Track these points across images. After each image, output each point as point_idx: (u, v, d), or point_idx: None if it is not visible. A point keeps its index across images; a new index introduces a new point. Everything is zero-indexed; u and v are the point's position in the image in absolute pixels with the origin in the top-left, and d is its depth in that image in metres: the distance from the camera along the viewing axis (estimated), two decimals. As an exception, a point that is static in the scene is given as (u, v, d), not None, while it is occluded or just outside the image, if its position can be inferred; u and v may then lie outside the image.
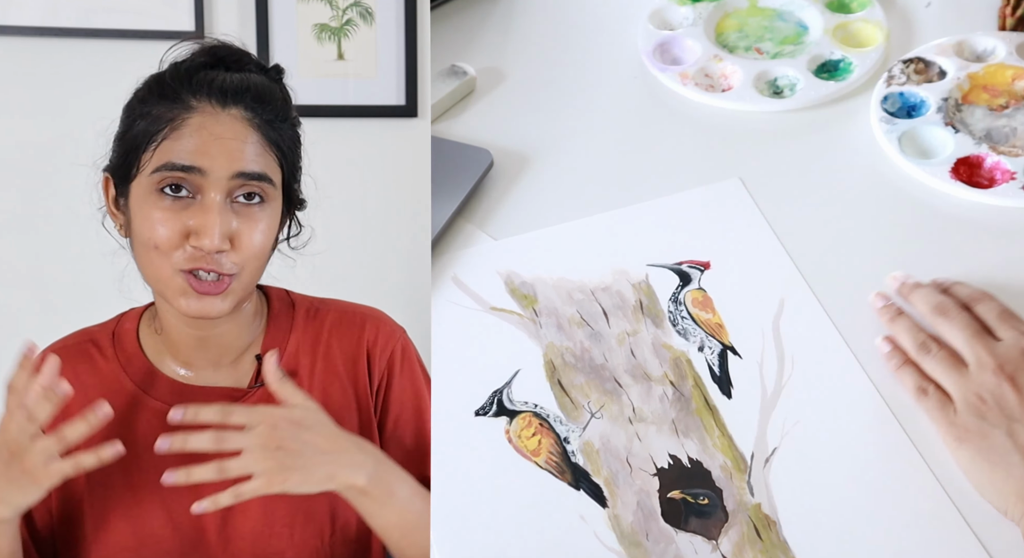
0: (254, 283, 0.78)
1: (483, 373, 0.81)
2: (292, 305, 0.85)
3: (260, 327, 0.83)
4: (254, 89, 0.77)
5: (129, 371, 0.81)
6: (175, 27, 1.29)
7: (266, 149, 0.76)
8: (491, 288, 0.87)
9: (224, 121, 0.75)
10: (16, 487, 0.71)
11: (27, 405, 0.71)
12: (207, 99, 0.75)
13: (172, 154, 0.74)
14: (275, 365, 0.74)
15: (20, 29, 1.26)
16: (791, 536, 0.70)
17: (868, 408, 0.77)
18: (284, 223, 0.82)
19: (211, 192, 0.73)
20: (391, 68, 1.36)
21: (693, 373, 0.80)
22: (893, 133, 0.97)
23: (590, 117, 1.05)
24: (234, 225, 0.74)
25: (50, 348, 0.83)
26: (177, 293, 0.74)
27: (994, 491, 0.69)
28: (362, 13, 1.34)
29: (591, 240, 0.90)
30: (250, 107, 0.76)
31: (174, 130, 0.74)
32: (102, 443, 0.73)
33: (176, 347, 0.81)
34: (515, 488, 0.74)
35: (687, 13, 1.14)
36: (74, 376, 0.80)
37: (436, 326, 0.85)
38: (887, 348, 0.79)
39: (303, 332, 0.84)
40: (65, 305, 1.29)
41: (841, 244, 0.89)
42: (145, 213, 0.74)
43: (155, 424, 0.79)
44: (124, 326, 0.84)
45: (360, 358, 0.83)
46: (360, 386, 0.83)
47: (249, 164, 0.74)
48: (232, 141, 0.74)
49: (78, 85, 1.28)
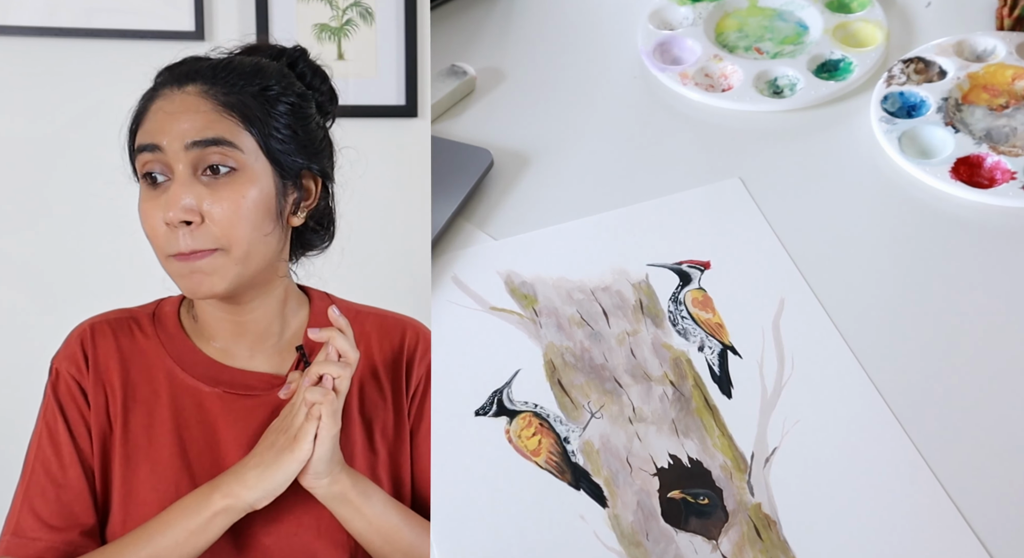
0: (252, 259, 0.77)
1: (483, 373, 0.81)
2: (332, 305, 0.86)
3: (301, 321, 0.84)
4: (214, 64, 0.80)
5: (169, 348, 0.82)
6: (175, 27, 1.28)
7: (224, 115, 0.77)
8: (491, 288, 0.87)
9: (178, 99, 0.77)
10: (280, 468, 0.74)
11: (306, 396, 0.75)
12: (167, 85, 0.79)
13: (138, 139, 0.78)
14: (338, 313, 0.78)
15: (20, 29, 1.26)
16: (791, 536, 0.70)
17: (868, 408, 0.77)
18: (288, 191, 0.81)
19: (177, 166, 0.75)
20: (391, 68, 1.36)
21: (693, 373, 0.80)
22: (893, 133, 0.97)
23: (590, 117, 1.05)
24: (202, 197, 0.75)
25: (92, 320, 0.84)
26: (176, 275, 0.76)
27: None
28: (362, 13, 1.34)
29: (591, 240, 0.90)
30: (207, 81, 0.78)
31: (140, 119, 0.78)
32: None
33: (213, 332, 0.82)
34: (515, 488, 0.74)
35: (687, 13, 1.14)
36: (116, 349, 0.82)
37: (436, 326, 0.85)
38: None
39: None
40: (65, 304, 1.29)
41: (841, 244, 0.89)
42: (139, 205, 0.77)
43: (191, 403, 0.80)
44: (164, 309, 0.85)
45: (400, 362, 0.84)
46: (397, 390, 0.83)
47: (201, 131, 0.76)
48: (183, 114, 0.76)
49: (78, 85, 1.28)
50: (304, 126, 0.81)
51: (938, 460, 0.73)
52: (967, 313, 0.82)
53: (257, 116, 0.78)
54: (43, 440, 0.81)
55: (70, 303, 1.28)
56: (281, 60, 0.83)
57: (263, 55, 0.83)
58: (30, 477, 0.81)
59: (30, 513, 0.79)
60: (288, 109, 0.80)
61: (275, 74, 0.81)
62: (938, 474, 0.73)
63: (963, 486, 0.72)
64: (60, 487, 0.79)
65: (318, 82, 0.85)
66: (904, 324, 0.82)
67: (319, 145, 0.83)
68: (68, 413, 0.81)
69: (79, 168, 1.25)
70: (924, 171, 0.93)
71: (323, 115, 0.85)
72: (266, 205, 0.78)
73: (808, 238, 0.89)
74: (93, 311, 0.88)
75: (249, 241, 0.77)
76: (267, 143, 0.78)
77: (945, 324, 0.82)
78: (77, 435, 0.80)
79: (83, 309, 0.88)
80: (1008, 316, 0.82)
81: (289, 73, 0.82)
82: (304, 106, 0.82)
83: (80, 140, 1.23)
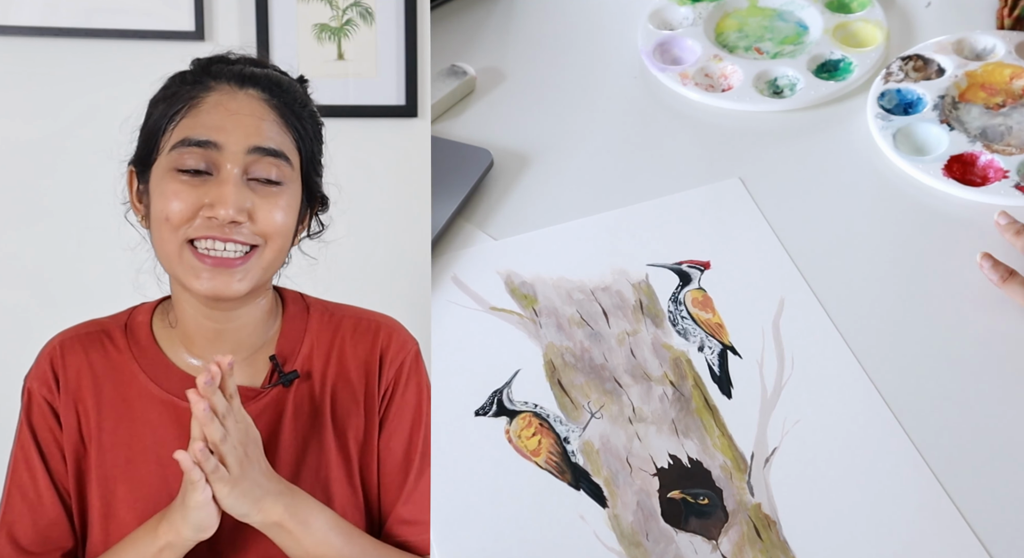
0: (275, 267, 0.77)
1: (483, 373, 0.81)
2: (307, 308, 0.85)
3: (275, 328, 0.83)
4: (273, 76, 0.78)
5: (142, 362, 0.81)
6: (175, 27, 1.28)
7: (283, 129, 0.76)
8: (491, 288, 0.87)
9: (241, 99, 0.76)
10: (189, 511, 0.72)
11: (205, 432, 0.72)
12: (225, 81, 0.76)
13: (190, 130, 0.74)
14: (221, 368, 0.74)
15: (20, 29, 1.26)
16: (791, 536, 0.70)
17: (868, 408, 0.77)
18: (304, 219, 0.81)
19: (227, 165, 0.73)
20: (391, 68, 1.36)
21: (693, 373, 0.80)
22: (888, 130, 0.97)
23: (590, 117, 1.05)
24: (251, 202, 0.74)
25: (62, 336, 0.83)
26: (188, 271, 0.74)
27: None
28: (362, 13, 1.34)
29: (591, 240, 0.90)
30: (267, 89, 0.77)
31: (192, 108, 0.75)
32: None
33: (191, 340, 0.81)
34: (515, 488, 0.74)
35: (687, 13, 1.14)
36: (87, 365, 0.80)
37: (436, 326, 0.85)
38: (987, 263, 0.81)
39: (318, 335, 0.84)
40: (65, 304, 1.29)
41: (841, 244, 0.89)
42: (161, 190, 0.74)
43: (164, 416, 0.79)
44: (137, 319, 0.84)
45: (373, 363, 0.83)
46: (369, 391, 0.83)
47: (266, 139, 0.75)
48: (249, 117, 0.75)
49: (78, 85, 1.28)
50: (322, 155, 0.82)
51: (938, 460, 0.73)
52: (964, 312, 0.82)
53: (309, 139, 0.78)
54: (19, 464, 0.80)
55: (70, 303, 1.28)
56: (302, 86, 0.82)
57: (275, 66, 0.82)
58: (7, 502, 0.80)
59: (8, 539, 0.79)
60: (323, 142, 0.80)
61: (310, 99, 0.81)
62: (938, 474, 0.73)
63: (963, 486, 0.72)
64: (36, 512, 0.79)
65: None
66: (903, 323, 0.82)
67: (322, 171, 0.83)
68: (40, 436, 0.80)
69: (79, 168, 1.25)
70: (917, 168, 0.93)
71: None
72: (294, 217, 0.78)
73: (808, 238, 0.89)
74: (93, 310, 0.88)
75: (279, 250, 0.77)
76: (306, 167, 0.79)
77: (943, 324, 0.82)
78: (50, 458, 0.79)
79: (83, 309, 0.88)
80: (1004, 315, 0.82)
81: (309, 97, 0.82)
82: (322, 135, 0.82)
83: (80, 140, 1.23)
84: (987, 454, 0.74)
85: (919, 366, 0.79)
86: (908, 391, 0.78)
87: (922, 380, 0.79)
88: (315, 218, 0.84)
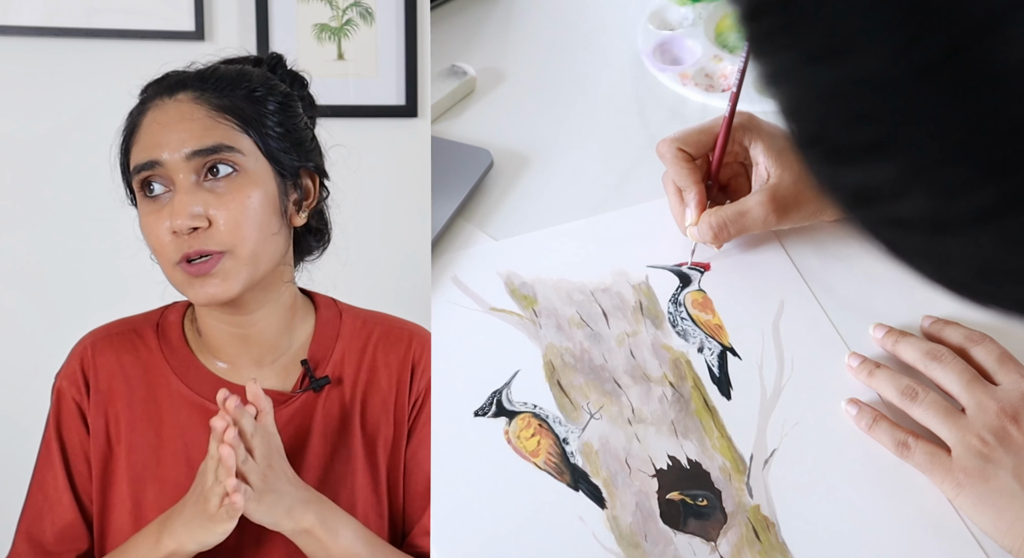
0: (260, 259, 0.77)
1: (483, 373, 0.81)
2: (340, 314, 0.86)
3: (307, 332, 0.84)
4: (203, 71, 0.79)
5: (172, 364, 0.81)
6: (175, 27, 1.28)
7: (218, 120, 0.76)
8: (491, 289, 0.87)
9: (170, 108, 0.77)
10: (203, 528, 0.72)
11: (216, 452, 0.71)
12: (156, 96, 0.78)
13: (135, 156, 0.77)
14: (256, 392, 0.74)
15: (20, 29, 1.26)
16: (790, 538, 0.70)
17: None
18: (290, 190, 0.81)
19: (177, 176, 0.75)
20: (391, 68, 1.36)
21: (692, 374, 0.80)
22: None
23: (590, 117, 1.05)
24: (207, 202, 0.74)
25: (93, 335, 0.84)
26: (184, 285, 0.76)
27: (1001, 534, 0.67)
28: (362, 13, 1.34)
29: (591, 241, 0.90)
30: (196, 87, 0.77)
31: (134, 134, 0.77)
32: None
33: (218, 347, 0.81)
34: (514, 489, 0.74)
35: (687, 13, 1.14)
36: (119, 366, 0.81)
37: (436, 326, 0.85)
38: (854, 410, 0.75)
39: (350, 341, 0.84)
40: (65, 304, 1.29)
41: (842, 243, 0.89)
42: (141, 220, 0.77)
43: (194, 418, 0.79)
44: (168, 318, 0.84)
45: (404, 373, 0.84)
46: (400, 400, 0.83)
47: (199, 139, 0.75)
48: (180, 122, 0.76)
49: (78, 85, 1.28)
50: (294, 124, 0.81)
51: (937, 461, 0.73)
52: (964, 312, 0.82)
53: (251, 117, 0.78)
54: (42, 465, 0.81)
55: (70, 303, 1.28)
56: (262, 66, 0.83)
57: (242, 63, 0.83)
58: (29, 500, 0.80)
59: (26, 536, 0.79)
60: (277, 108, 0.80)
61: (259, 78, 0.81)
62: (937, 475, 0.73)
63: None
64: (55, 512, 0.79)
65: (298, 87, 0.85)
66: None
67: (310, 144, 0.83)
68: (67, 439, 0.80)
69: (79, 168, 1.25)
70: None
71: (308, 116, 0.85)
72: (271, 205, 0.78)
73: (808, 238, 0.89)
74: (92, 311, 0.88)
75: (256, 241, 0.76)
76: (265, 143, 0.78)
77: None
78: (73, 460, 0.80)
79: (83, 309, 0.89)
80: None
81: (272, 77, 0.83)
82: (292, 105, 0.82)
83: (80, 140, 1.23)
84: (986, 455, 0.74)
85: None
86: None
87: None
88: (322, 186, 0.84)
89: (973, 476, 0.68)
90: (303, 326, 0.83)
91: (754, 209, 0.82)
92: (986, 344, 0.76)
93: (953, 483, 0.69)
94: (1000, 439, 0.69)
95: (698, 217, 0.84)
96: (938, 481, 0.70)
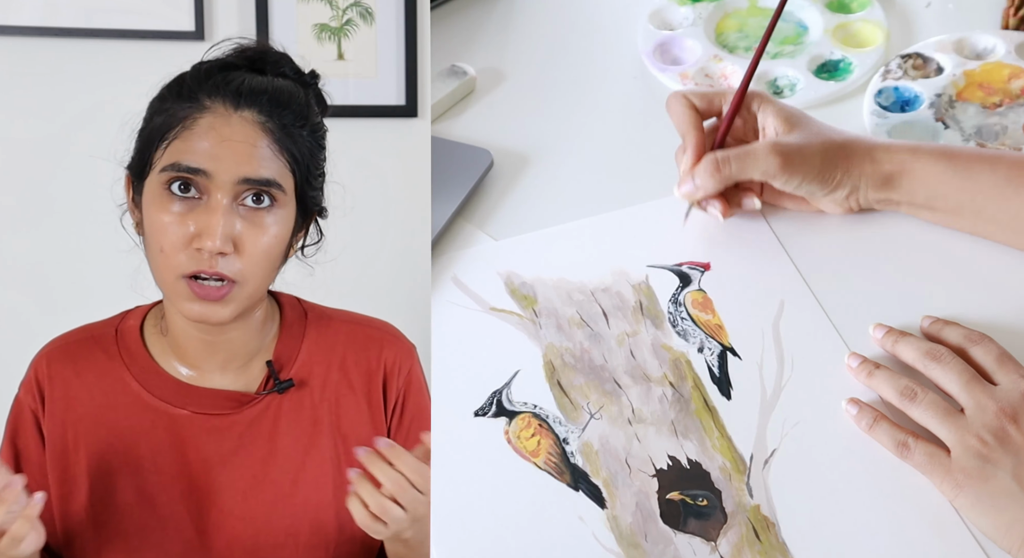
0: (262, 291, 0.77)
1: (483, 374, 0.81)
2: (304, 313, 0.85)
3: (272, 333, 0.83)
4: (271, 92, 0.76)
5: (132, 369, 0.80)
6: (175, 27, 1.28)
7: (277, 154, 0.75)
8: (491, 288, 0.87)
9: (235, 123, 0.74)
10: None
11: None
12: (220, 100, 0.75)
13: (181, 154, 0.73)
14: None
15: (20, 29, 1.26)
16: (790, 538, 0.70)
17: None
18: (300, 231, 0.81)
19: (217, 194, 0.73)
20: (391, 68, 1.36)
21: (693, 374, 0.80)
22: (883, 127, 0.97)
23: (590, 117, 1.05)
24: (238, 228, 0.73)
25: (50, 345, 0.83)
26: (180, 297, 0.74)
27: (1000, 535, 0.67)
28: (362, 13, 1.34)
29: (591, 241, 0.90)
30: (264, 110, 0.75)
31: (185, 129, 0.74)
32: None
33: (183, 349, 0.80)
34: (514, 489, 0.74)
35: (687, 13, 1.14)
36: (75, 374, 0.80)
37: (436, 326, 0.85)
38: (854, 410, 0.75)
39: (316, 341, 0.83)
40: (65, 304, 1.29)
41: (841, 243, 0.89)
42: (154, 215, 0.74)
43: (157, 423, 0.79)
44: (128, 323, 0.83)
45: (376, 375, 0.83)
46: (374, 402, 0.83)
47: (257, 170, 0.73)
48: (241, 144, 0.73)
49: (78, 85, 1.28)
50: (324, 165, 0.81)
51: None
52: (964, 313, 0.82)
53: (305, 161, 0.77)
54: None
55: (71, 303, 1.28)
56: (308, 91, 0.80)
57: (284, 71, 0.79)
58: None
59: None
60: (323, 151, 0.79)
61: (315, 114, 0.79)
62: (937, 475, 0.73)
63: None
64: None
65: (322, 112, 0.82)
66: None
67: (323, 181, 0.82)
68: (21, 447, 0.80)
69: (79, 168, 1.25)
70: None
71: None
72: (284, 240, 0.77)
73: (808, 238, 0.89)
74: (93, 309, 0.87)
75: (264, 277, 0.76)
76: (303, 187, 0.78)
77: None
78: (27, 469, 0.79)
79: (84, 309, 0.88)
80: (1001, 314, 0.82)
81: (316, 109, 0.80)
82: (324, 143, 0.81)
83: (80, 140, 1.23)
84: (986, 455, 0.74)
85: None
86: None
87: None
88: (315, 224, 0.83)
89: (972, 476, 0.68)
90: (268, 327, 0.83)
91: (759, 150, 0.83)
92: (985, 344, 0.76)
93: (952, 483, 0.69)
94: (999, 439, 0.69)
95: (694, 163, 0.84)
96: (937, 481, 0.70)
